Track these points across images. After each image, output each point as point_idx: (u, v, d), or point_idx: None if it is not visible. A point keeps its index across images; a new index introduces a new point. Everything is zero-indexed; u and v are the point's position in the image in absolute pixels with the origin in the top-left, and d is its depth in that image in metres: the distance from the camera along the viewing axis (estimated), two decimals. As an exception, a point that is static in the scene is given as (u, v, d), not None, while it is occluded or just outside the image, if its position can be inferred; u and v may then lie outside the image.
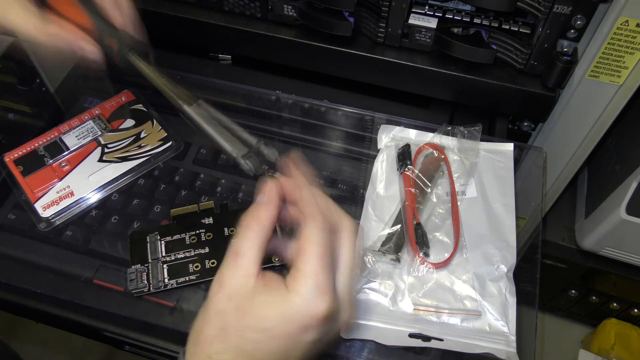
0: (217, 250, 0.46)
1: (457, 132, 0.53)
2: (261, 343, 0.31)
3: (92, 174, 0.52)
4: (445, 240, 0.48)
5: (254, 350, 0.31)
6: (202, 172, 0.54)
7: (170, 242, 0.47)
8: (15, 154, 0.54)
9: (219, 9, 0.59)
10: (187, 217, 0.49)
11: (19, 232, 0.50)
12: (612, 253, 0.76)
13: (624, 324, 0.95)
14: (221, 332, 0.31)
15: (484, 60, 0.53)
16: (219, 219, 0.48)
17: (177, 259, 0.46)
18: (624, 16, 0.46)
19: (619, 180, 0.68)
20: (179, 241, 0.47)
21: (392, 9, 0.53)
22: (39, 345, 1.11)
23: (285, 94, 0.59)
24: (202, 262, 0.45)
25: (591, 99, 0.54)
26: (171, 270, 0.45)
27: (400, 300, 0.45)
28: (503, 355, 0.42)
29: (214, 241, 0.47)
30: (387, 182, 0.52)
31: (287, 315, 0.31)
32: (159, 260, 0.46)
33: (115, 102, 0.58)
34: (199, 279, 0.45)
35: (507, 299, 0.45)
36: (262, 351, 0.31)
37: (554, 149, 0.61)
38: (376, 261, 0.46)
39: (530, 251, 0.50)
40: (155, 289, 0.45)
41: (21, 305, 0.46)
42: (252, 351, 0.31)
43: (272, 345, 0.31)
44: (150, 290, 0.45)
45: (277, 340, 0.31)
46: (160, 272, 0.45)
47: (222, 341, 0.31)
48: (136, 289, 0.45)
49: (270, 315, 0.31)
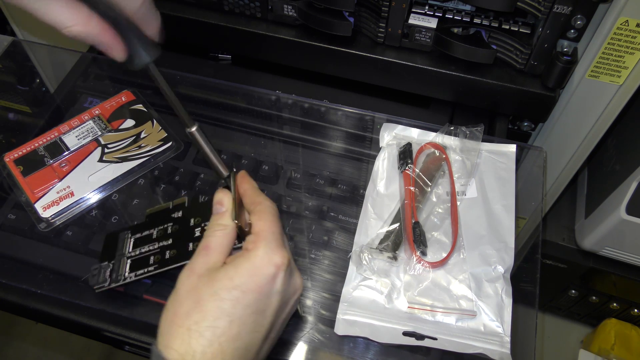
0: (179, 239, 0.45)
1: (459, 132, 0.53)
2: (236, 299, 0.34)
3: (92, 174, 0.52)
4: (443, 240, 0.48)
5: (232, 307, 0.34)
6: (202, 172, 0.54)
7: (140, 239, 0.47)
8: (15, 154, 0.54)
9: (219, 9, 0.59)
10: (160, 214, 0.48)
11: (19, 232, 0.50)
12: (612, 253, 0.76)
13: (624, 324, 0.95)
14: (196, 304, 0.34)
15: (484, 60, 0.53)
16: (188, 212, 0.47)
17: (140, 253, 0.45)
18: (624, 16, 0.46)
19: (619, 180, 0.68)
20: (147, 237, 0.46)
21: (392, 9, 0.53)
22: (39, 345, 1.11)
23: (285, 94, 0.59)
24: (163, 254, 0.44)
25: (591, 99, 0.54)
26: (133, 264, 0.45)
27: (395, 298, 0.45)
28: (496, 356, 0.42)
29: (178, 233, 0.46)
30: (388, 181, 0.52)
31: (254, 268, 0.35)
32: (124, 256, 0.46)
33: (115, 102, 0.58)
34: (157, 269, 0.44)
35: (503, 300, 0.45)
36: (239, 305, 0.34)
37: (554, 149, 0.61)
38: (373, 258, 0.46)
39: (530, 251, 0.50)
40: (115, 283, 0.44)
41: (21, 305, 0.46)
42: (229, 308, 0.34)
43: (247, 298, 0.34)
44: (110, 284, 0.44)
45: (250, 293, 0.34)
46: (122, 267, 0.45)
47: (200, 311, 0.34)
48: (97, 285, 0.44)
49: (239, 272, 0.35)
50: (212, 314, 0.33)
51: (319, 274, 0.48)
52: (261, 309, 0.35)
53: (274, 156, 0.56)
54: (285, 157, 0.56)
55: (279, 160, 0.55)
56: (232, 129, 0.58)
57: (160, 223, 0.47)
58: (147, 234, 0.47)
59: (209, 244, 0.37)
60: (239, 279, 0.35)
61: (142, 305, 0.45)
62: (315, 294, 0.47)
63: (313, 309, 0.46)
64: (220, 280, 0.35)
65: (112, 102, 0.58)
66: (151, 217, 0.48)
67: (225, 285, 0.34)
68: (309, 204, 0.52)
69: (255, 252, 0.36)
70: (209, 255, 0.37)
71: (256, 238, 0.37)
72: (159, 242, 0.45)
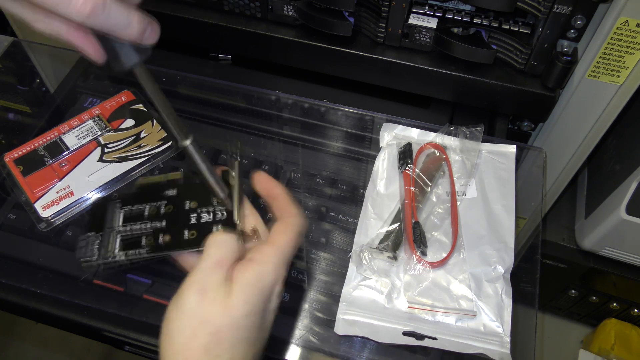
0: (174, 224, 0.43)
1: (459, 132, 0.53)
2: (252, 323, 0.34)
3: (92, 174, 0.52)
4: (443, 240, 0.48)
5: (248, 332, 0.33)
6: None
7: (130, 212, 0.44)
8: (15, 154, 0.54)
9: (219, 9, 0.59)
10: (152, 188, 0.46)
11: (19, 232, 0.50)
12: (612, 253, 0.76)
13: (624, 324, 0.95)
14: (214, 337, 0.32)
15: (484, 60, 0.53)
16: (182, 191, 0.45)
17: (132, 231, 0.43)
18: (624, 16, 0.46)
19: (619, 180, 0.68)
20: (138, 212, 0.44)
21: (392, 9, 0.53)
22: (39, 345, 1.11)
23: (285, 94, 0.59)
24: (156, 237, 0.42)
25: (591, 99, 0.54)
26: (123, 243, 0.43)
27: (395, 298, 0.45)
28: (496, 356, 0.42)
29: (172, 215, 0.44)
30: (388, 181, 0.52)
31: (264, 287, 0.34)
32: (114, 230, 0.44)
33: (115, 102, 0.58)
34: (150, 253, 0.42)
35: (503, 300, 0.45)
36: (254, 328, 0.34)
37: (554, 149, 0.61)
38: (373, 258, 0.46)
39: (530, 251, 0.50)
40: (103, 259, 0.42)
41: (21, 305, 0.46)
42: (246, 334, 0.33)
43: (258, 319, 0.34)
44: (98, 260, 0.42)
45: (261, 312, 0.34)
46: (112, 243, 0.43)
47: (219, 343, 0.32)
48: (84, 258, 0.42)
49: (254, 293, 0.34)
50: (231, 343, 0.32)
51: (318, 274, 0.48)
52: (264, 322, 0.35)
53: (274, 156, 0.56)
54: (285, 157, 0.56)
55: (279, 160, 0.55)
56: (232, 129, 0.58)
57: (152, 199, 0.45)
58: (138, 208, 0.44)
59: (222, 260, 0.35)
60: (254, 300, 0.34)
61: (142, 305, 0.45)
62: (315, 293, 0.47)
63: (313, 309, 0.46)
64: (237, 307, 0.33)
65: (112, 102, 0.58)
66: (143, 189, 0.46)
67: (243, 312, 0.33)
68: (309, 204, 0.52)
69: (267, 267, 0.35)
70: (221, 269, 0.34)
71: (270, 251, 0.36)
72: (152, 222, 0.43)
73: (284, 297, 0.46)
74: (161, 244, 0.42)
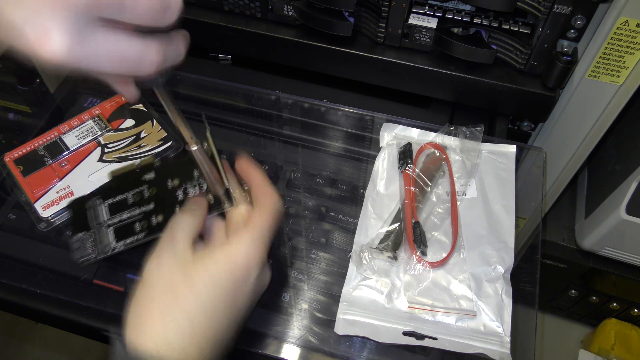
0: (162, 205, 0.43)
1: (459, 132, 0.53)
2: (214, 293, 0.34)
3: (92, 173, 0.52)
4: (443, 240, 0.48)
5: (209, 301, 0.34)
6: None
7: (114, 205, 0.44)
8: (15, 154, 0.54)
9: (219, 9, 0.59)
10: (127, 176, 0.45)
11: (19, 232, 0.50)
12: (612, 253, 0.76)
13: (624, 324, 0.95)
14: (173, 298, 0.34)
15: (484, 60, 0.53)
16: (161, 172, 0.45)
17: (122, 220, 0.43)
18: (624, 16, 0.46)
19: (619, 180, 0.68)
20: (122, 202, 0.44)
21: (392, 9, 0.53)
22: (39, 345, 1.11)
23: (285, 94, 0.59)
24: (149, 219, 0.43)
25: (591, 99, 0.54)
26: (118, 233, 0.43)
27: (395, 298, 0.45)
28: (496, 356, 0.42)
29: (158, 197, 0.44)
30: (388, 180, 0.52)
31: (231, 263, 0.35)
32: (103, 225, 0.44)
33: (115, 102, 0.58)
34: (147, 237, 0.42)
35: (503, 300, 0.45)
36: (216, 299, 0.34)
37: (554, 149, 0.61)
38: (373, 258, 0.46)
39: (530, 251, 0.50)
40: (103, 254, 0.43)
41: (21, 305, 0.46)
42: (207, 301, 0.34)
43: (223, 292, 0.35)
44: (97, 256, 0.43)
45: (226, 287, 0.35)
46: (105, 236, 0.43)
47: (177, 304, 0.34)
48: (82, 257, 0.43)
49: (217, 266, 0.35)
50: (189, 307, 0.34)
51: (318, 274, 0.48)
52: (234, 302, 0.36)
53: (274, 156, 0.56)
54: (285, 157, 0.56)
55: (278, 160, 0.55)
56: (232, 129, 0.58)
57: (132, 186, 0.45)
58: (121, 198, 0.44)
59: (175, 235, 0.37)
60: (216, 272, 0.35)
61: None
62: (315, 293, 0.47)
63: (313, 309, 0.46)
64: (197, 272, 0.35)
65: (112, 102, 0.58)
66: (118, 179, 0.46)
67: (202, 278, 0.35)
68: (308, 204, 0.52)
69: (237, 247, 0.36)
70: (175, 246, 0.36)
71: (244, 231, 0.37)
72: (140, 207, 0.44)
73: (284, 297, 0.46)
74: (156, 225, 0.42)
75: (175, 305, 0.34)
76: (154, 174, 0.45)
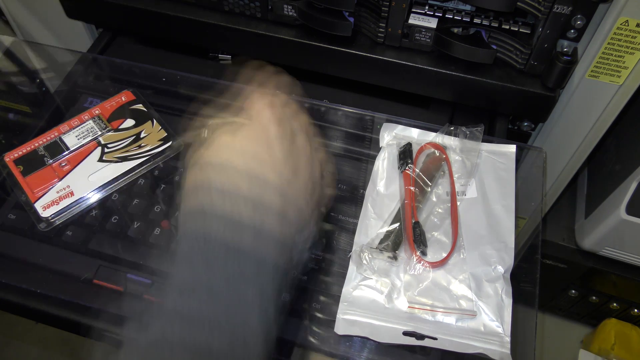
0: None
1: (459, 132, 0.53)
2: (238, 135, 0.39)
3: (92, 173, 0.52)
4: (443, 240, 0.48)
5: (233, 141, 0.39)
6: (202, 172, 0.54)
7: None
8: (15, 154, 0.54)
9: (219, 9, 0.59)
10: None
11: (19, 232, 0.50)
12: (612, 253, 0.76)
13: (624, 324, 0.95)
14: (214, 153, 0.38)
15: (484, 60, 0.53)
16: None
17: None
18: (624, 16, 0.46)
19: (619, 180, 0.68)
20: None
21: (392, 9, 0.53)
22: (39, 345, 1.11)
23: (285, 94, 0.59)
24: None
25: (591, 99, 0.54)
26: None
27: (395, 298, 0.45)
28: (497, 356, 0.42)
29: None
30: (388, 180, 0.52)
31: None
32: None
33: (115, 102, 0.58)
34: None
35: (503, 300, 0.45)
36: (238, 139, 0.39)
37: (554, 149, 0.61)
38: (373, 258, 0.46)
39: (530, 251, 0.50)
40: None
41: (21, 305, 0.46)
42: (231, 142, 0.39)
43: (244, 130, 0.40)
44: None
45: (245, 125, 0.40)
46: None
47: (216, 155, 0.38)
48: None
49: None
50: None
51: (318, 274, 0.48)
52: (262, 139, 0.39)
53: (274, 156, 0.56)
54: (285, 157, 0.56)
55: (279, 160, 0.55)
56: (232, 129, 0.58)
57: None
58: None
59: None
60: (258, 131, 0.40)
61: (142, 305, 0.45)
62: (315, 293, 0.47)
63: (313, 309, 0.46)
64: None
65: (112, 102, 0.58)
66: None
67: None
68: (309, 204, 0.52)
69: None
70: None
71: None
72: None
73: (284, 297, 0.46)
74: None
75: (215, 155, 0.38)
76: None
